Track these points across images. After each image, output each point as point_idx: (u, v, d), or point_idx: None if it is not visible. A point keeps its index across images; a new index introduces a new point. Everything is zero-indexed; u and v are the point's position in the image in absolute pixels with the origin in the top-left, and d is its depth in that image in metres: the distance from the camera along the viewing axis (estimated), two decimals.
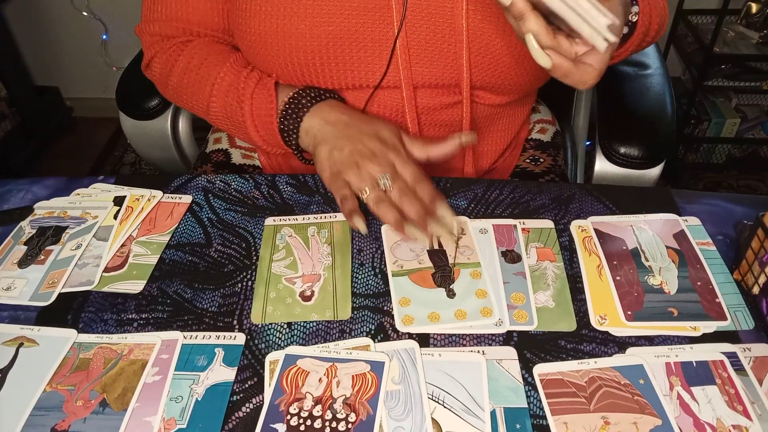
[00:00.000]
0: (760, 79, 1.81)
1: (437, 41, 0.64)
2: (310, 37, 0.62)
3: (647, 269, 0.57)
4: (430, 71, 0.66)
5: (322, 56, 0.64)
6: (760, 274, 0.54)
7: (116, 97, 0.90)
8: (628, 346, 0.51)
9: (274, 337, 0.53)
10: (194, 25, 0.70)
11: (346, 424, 0.46)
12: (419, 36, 0.63)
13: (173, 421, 0.47)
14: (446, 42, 0.64)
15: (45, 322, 0.55)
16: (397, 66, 0.65)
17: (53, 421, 0.47)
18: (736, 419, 0.46)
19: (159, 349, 0.52)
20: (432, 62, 0.65)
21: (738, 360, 0.50)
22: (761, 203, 0.65)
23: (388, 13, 0.62)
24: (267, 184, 0.69)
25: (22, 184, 0.71)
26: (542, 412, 0.47)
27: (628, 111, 0.80)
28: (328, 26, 0.62)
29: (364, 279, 0.58)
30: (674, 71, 2.01)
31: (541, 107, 0.97)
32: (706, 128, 1.86)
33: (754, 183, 1.93)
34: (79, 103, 2.24)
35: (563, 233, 0.62)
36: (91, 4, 1.96)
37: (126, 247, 0.62)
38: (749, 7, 1.71)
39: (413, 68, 0.65)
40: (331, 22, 0.62)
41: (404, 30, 0.63)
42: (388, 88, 0.67)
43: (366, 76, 0.66)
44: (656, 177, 0.78)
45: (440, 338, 0.53)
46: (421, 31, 0.63)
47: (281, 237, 0.62)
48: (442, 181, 0.68)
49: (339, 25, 0.62)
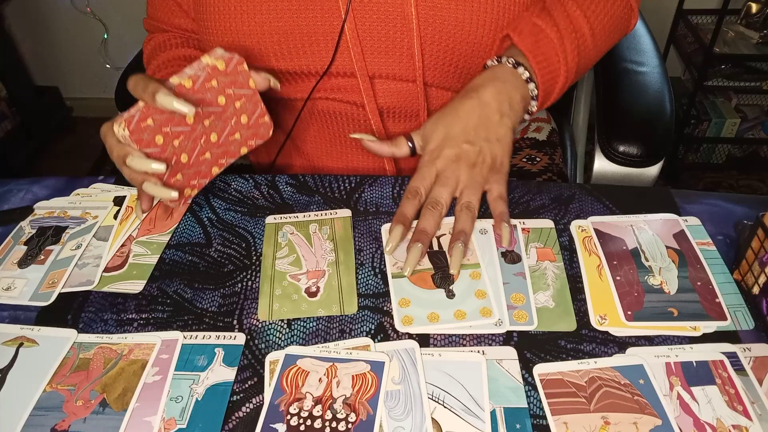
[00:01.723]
0: (760, 79, 1.81)
1: (389, 31, 0.65)
2: (261, 33, 0.65)
3: (647, 269, 0.57)
4: (385, 61, 0.67)
5: (275, 50, 0.66)
6: (760, 274, 0.54)
7: (115, 98, 0.90)
8: (628, 346, 0.51)
9: (274, 337, 0.53)
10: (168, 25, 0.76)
11: (346, 424, 0.46)
12: (371, 26, 0.65)
13: (173, 421, 0.47)
14: (398, 31, 0.65)
15: (45, 322, 0.55)
16: (350, 55, 0.66)
17: (53, 421, 0.47)
18: (736, 419, 0.46)
19: (159, 349, 0.52)
20: (386, 52, 0.66)
21: (738, 360, 0.50)
22: (761, 203, 0.64)
23: (335, 5, 0.64)
24: (267, 184, 0.69)
25: (22, 184, 0.71)
26: (542, 412, 0.47)
27: (626, 109, 0.80)
28: (277, 22, 0.64)
29: (364, 279, 0.58)
30: (674, 71, 2.01)
31: None
32: (706, 128, 1.86)
33: (754, 183, 1.93)
34: (79, 103, 2.24)
35: (563, 233, 0.62)
36: (91, 4, 1.96)
37: (126, 247, 0.62)
38: (749, 7, 1.71)
39: (367, 58, 0.67)
40: (280, 18, 0.64)
41: (354, 20, 0.64)
42: (345, 76, 0.68)
43: (319, 65, 0.67)
44: (655, 175, 0.78)
45: (440, 338, 0.53)
46: (372, 21, 0.64)
47: (283, 235, 0.62)
48: None
49: (288, 20, 0.64)
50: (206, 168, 0.62)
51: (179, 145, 0.58)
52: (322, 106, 0.72)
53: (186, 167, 0.60)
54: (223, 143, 0.62)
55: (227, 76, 0.59)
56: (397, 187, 0.68)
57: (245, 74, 0.60)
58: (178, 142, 0.58)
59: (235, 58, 0.58)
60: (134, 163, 0.56)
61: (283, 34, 0.65)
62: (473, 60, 0.66)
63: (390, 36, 0.65)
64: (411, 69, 0.67)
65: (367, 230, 0.63)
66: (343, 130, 0.73)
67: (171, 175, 0.59)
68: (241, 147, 0.64)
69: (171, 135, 0.57)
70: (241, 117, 0.62)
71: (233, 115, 0.61)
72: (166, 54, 0.75)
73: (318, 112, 0.73)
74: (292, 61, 0.67)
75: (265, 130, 0.65)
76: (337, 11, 0.64)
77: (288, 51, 0.66)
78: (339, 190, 0.68)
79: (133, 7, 1.96)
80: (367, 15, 0.64)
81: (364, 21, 0.64)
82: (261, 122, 0.64)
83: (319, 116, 0.73)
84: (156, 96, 0.53)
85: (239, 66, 0.59)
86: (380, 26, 0.64)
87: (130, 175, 0.58)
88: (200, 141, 0.60)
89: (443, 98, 0.70)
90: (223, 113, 0.60)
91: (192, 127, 0.58)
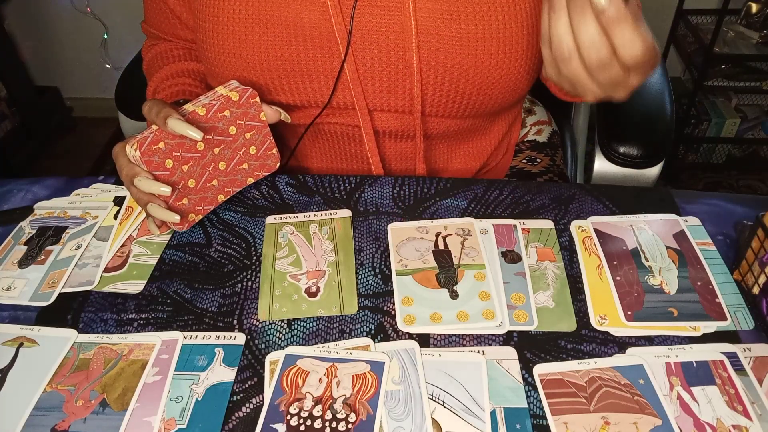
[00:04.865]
0: (760, 79, 1.82)
1: (390, 72, 0.64)
2: (261, 69, 0.65)
3: (647, 269, 0.57)
4: (385, 98, 0.67)
5: (275, 85, 0.66)
6: (760, 274, 0.54)
7: (115, 98, 0.90)
8: (628, 346, 0.51)
9: (274, 337, 0.53)
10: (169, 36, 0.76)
11: (346, 424, 0.46)
12: (372, 67, 0.64)
13: (173, 421, 0.47)
14: (399, 73, 0.64)
15: (45, 322, 0.55)
16: (350, 92, 0.66)
17: (53, 421, 0.47)
18: (736, 419, 0.46)
19: (159, 349, 0.52)
20: (387, 90, 0.66)
21: (738, 360, 0.50)
22: (761, 203, 0.65)
23: (335, 47, 0.63)
24: (267, 184, 0.69)
25: (22, 184, 0.71)
26: (542, 412, 0.47)
27: (627, 110, 0.80)
28: (276, 60, 0.64)
29: (365, 279, 0.58)
30: (674, 71, 2.01)
31: (537, 108, 0.96)
32: (706, 128, 1.86)
33: (754, 183, 1.93)
34: (79, 103, 2.24)
35: (563, 233, 0.62)
36: (91, 4, 1.96)
37: (126, 247, 0.62)
38: (749, 7, 1.71)
39: (367, 95, 0.66)
40: (279, 56, 0.64)
41: (354, 61, 0.64)
42: (345, 108, 0.68)
43: (319, 99, 0.67)
44: (656, 176, 0.78)
45: (440, 338, 0.53)
46: (373, 62, 0.64)
47: (283, 235, 0.62)
48: (442, 181, 0.68)
49: (287, 59, 0.64)
50: (212, 195, 0.63)
51: (188, 170, 0.60)
52: (321, 128, 0.72)
53: (193, 192, 0.61)
54: (231, 172, 0.64)
55: (240, 107, 0.60)
56: (396, 187, 0.68)
57: (257, 107, 0.62)
58: (187, 167, 0.59)
59: (248, 91, 0.61)
60: (142, 184, 0.56)
61: (283, 71, 0.65)
62: (478, 95, 0.65)
63: (391, 77, 0.65)
64: (410, 104, 0.67)
65: (367, 230, 0.63)
66: (340, 145, 0.74)
67: (177, 200, 0.60)
68: (248, 177, 0.66)
69: (181, 160, 0.59)
70: (250, 148, 0.64)
71: (243, 146, 0.63)
72: (169, 68, 0.74)
73: (316, 132, 0.73)
74: (292, 95, 0.67)
75: (273, 162, 0.67)
76: (337, 52, 0.63)
77: (288, 86, 0.66)
78: (339, 190, 0.68)
79: (133, 7, 1.96)
80: (368, 57, 0.64)
81: (364, 62, 0.64)
82: (269, 154, 0.66)
83: (318, 135, 0.74)
84: (167, 121, 0.55)
85: (252, 99, 0.61)
86: (381, 67, 0.64)
87: (137, 195, 0.59)
88: (209, 168, 0.61)
89: (444, 124, 0.70)
90: (233, 143, 0.62)
91: (202, 153, 0.60)
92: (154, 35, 0.78)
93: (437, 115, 0.68)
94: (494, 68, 0.63)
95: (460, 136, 0.75)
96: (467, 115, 0.69)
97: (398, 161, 0.75)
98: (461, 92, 0.65)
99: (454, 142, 0.76)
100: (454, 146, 0.77)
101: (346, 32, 0.62)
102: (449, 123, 0.70)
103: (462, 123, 0.71)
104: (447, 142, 0.75)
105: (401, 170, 0.77)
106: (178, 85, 0.72)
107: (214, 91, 0.60)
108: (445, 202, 0.66)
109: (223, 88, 0.61)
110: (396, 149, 0.74)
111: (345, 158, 0.76)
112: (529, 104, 0.95)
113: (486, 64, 0.62)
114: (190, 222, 0.63)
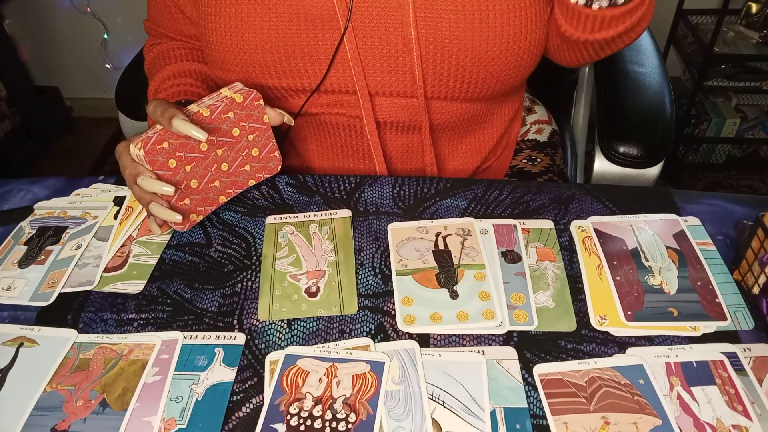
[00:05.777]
0: (760, 79, 1.81)
1: (390, 50, 0.65)
2: (263, 51, 0.65)
3: (647, 269, 0.57)
4: (386, 79, 0.67)
5: (276, 67, 0.66)
6: (760, 274, 0.54)
7: (116, 98, 0.90)
8: (628, 346, 0.51)
9: (274, 337, 0.53)
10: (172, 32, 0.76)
11: (346, 424, 0.46)
12: (371, 45, 0.65)
13: (173, 421, 0.47)
14: (399, 51, 0.65)
15: (45, 322, 0.55)
16: (351, 74, 0.66)
17: (53, 421, 0.47)
18: (736, 419, 0.46)
19: (159, 349, 0.52)
20: (387, 71, 0.66)
21: (738, 360, 0.50)
22: (761, 203, 0.65)
23: (336, 25, 0.64)
24: (267, 184, 0.69)
25: (22, 184, 0.71)
26: (542, 412, 0.47)
27: (627, 110, 0.80)
28: (277, 42, 0.64)
29: (364, 279, 0.58)
30: (674, 71, 2.01)
31: (537, 107, 0.96)
32: (706, 128, 1.86)
33: (754, 183, 1.93)
34: (79, 103, 2.24)
35: (563, 233, 0.62)
36: (91, 4, 1.96)
37: (126, 247, 0.62)
38: (749, 7, 1.71)
39: (368, 76, 0.67)
40: (281, 37, 0.64)
41: (355, 40, 0.64)
42: (345, 93, 0.68)
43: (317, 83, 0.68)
44: (656, 176, 0.78)
45: (440, 338, 0.53)
46: (373, 40, 0.64)
47: (283, 235, 0.62)
48: (442, 181, 0.68)
49: (289, 40, 0.64)
50: (214, 195, 0.64)
51: (191, 170, 0.60)
52: (323, 119, 0.72)
53: (195, 193, 0.62)
54: (233, 173, 0.64)
55: (244, 109, 0.61)
56: (397, 187, 0.68)
57: (261, 109, 0.62)
58: (190, 167, 0.60)
59: (252, 94, 0.61)
60: (145, 183, 0.57)
61: (284, 53, 0.65)
62: (478, 73, 0.66)
63: (391, 55, 0.65)
64: (412, 86, 0.67)
65: (367, 230, 0.63)
66: (342, 138, 0.74)
67: (179, 199, 0.61)
68: (250, 179, 0.66)
69: (184, 160, 0.59)
70: (252, 150, 0.64)
71: (245, 148, 0.63)
72: (172, 67, 0.74)
73: (318, 123, 0.73)
74: (293, 78, 0.67)
75: (275, 165, 0.67)
76: (338, 32, 0.64)
77: (289, 68, 0.66)
78: (339, 190, 0.68)
79: (133, 7, 1.96)
80: (368, 34, 0.64)
81: (365, 40, 0.64)
82: (271, 156, 0.66)
83: (319, 127, 0.74)
84: (173, 121, 0.55)
85: (256, 101, 0.61)
86: (381, 45, 0.65)
87: (139, 194, 0.59)
88: (211, 169, 0.62)
89: (447, 109, 0.70)
90: (236, 144, 0.62)
91: (205, 154, 0.60)
92: (157, 32, 0.78)
93: (439, 97, 0.68)
94: (493, 42, 0.63)
95: (463, 128, 0.75)
96: (469, 97, 0.69)
97: (403, 158, 0.75)
98: (462, 69, 0.65)
99: (457, 135, 0.76)
100: (456, 140, 0.77)
101: (346, 9, 0.62)
102: (452, 108, 0.70)
103: (465, 108, 0.71)
104: (449, 135, 0.75)
105: (407, 169, 0.77)
106: (180, 85, 0.72)
107: (219, 93, 0.61)
108: (445, 202, 0.66)
109: (227, 90, 0.61)
110: (400, 143, 0.73)
111: (347, 154, 0.75)
112: (530, 103, 0.95)
113: (484, 38, 0.63)
114: (192, 222, 0.63)
